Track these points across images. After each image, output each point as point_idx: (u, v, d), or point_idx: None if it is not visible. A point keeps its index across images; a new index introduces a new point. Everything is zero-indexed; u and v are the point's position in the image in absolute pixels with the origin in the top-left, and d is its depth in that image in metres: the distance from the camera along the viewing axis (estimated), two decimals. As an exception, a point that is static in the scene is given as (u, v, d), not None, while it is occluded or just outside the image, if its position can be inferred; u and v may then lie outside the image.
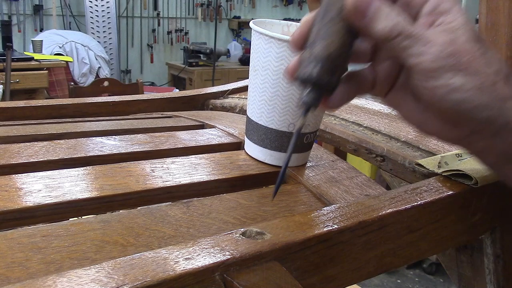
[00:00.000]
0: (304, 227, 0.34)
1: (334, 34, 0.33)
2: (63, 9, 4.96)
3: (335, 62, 0.32)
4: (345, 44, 0.33)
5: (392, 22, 0.32)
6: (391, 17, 0.32)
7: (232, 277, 0.28)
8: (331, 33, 0.33)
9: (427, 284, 2.52)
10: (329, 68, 0.32)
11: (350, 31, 0.33)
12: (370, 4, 0.32)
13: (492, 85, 0.32)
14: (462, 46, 0.32)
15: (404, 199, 0.40)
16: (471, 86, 0.32)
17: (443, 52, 0.31)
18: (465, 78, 0.32)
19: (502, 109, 0.32)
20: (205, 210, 0.40)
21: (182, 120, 0.69)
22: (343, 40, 0.33)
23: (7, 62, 2.79)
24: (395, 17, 0.32)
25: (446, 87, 0.32)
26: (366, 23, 0.33)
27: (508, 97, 0.32)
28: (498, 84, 0.32)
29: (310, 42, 0.33)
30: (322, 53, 0.32)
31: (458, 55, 0.31)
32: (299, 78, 0.33)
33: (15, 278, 0.29)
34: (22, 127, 0.61)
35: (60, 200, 0.39)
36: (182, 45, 5.56)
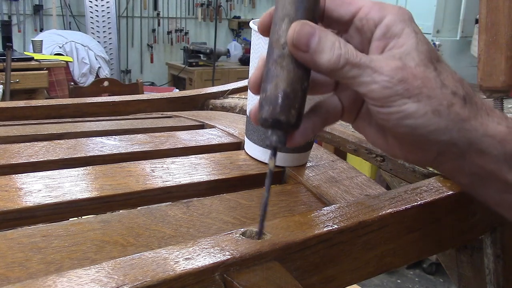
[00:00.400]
0: (304, 227, 0.34)
1: (282, 72, 0.32)
2: (63, 9, 4.96)
3: (288, 99, 0.31)
4: (296, 79, 0.32)
5: (337, 53, 0.31)
6: (336, 47, 0.31)
7: (232, 277, 0.28)
8: (278, 71, 0.32)
9: (427, 284, 2.52)
10: (283, 107, 0.31)
11: (299, 65, 0.32)
12: (312, 36, 0.31)
13: (448, 108, 0.31)
14: (413, 71, 0.31)
15: (404, 199, 0.40)
16: (425, 111, 0.31)
17: (392, 79, 0.30)
18: (417, 104, 0.31)
19: (462, 131, 0.31)
20: (205, 210, 0.40)
21: (182, 120, 0.69)
22: (292, 76, 0.32)
23: (7, 62, 2.79)
24: (340, 48, 0.31)
25: (399, 114, 0.31)
26: (310, 57, 0.31)
27: (467, 118, 0.31)
28: (456, 105, 0.31)
29: (263, 83, 0.32)
30: (273, 94, 0.31)
31: (408, 81, 0.30)
32: (260, 122, 0.33)
33: (15, 278, 0.29)
34: (22, 127, 0.61)
35: (60, 200, 0.39)
36: (182, 45, 5.56)
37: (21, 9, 4.80)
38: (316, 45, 0.31)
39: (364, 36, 0.33)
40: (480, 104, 0.33)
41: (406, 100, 0.31)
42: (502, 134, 0.32)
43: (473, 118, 0.32)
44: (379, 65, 0.31)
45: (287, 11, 0.32)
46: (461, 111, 0.31)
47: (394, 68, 0.31)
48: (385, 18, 0.32)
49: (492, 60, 0.91)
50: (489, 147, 0.32)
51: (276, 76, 0.32)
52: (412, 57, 0.31)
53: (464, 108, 0.32)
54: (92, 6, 4.81)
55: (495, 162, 0.32)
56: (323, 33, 0.31)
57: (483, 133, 0.32)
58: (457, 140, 0.32)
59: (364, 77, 0.31)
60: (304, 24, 0.31)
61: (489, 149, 0.32)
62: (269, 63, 0.32)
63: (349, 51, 0.31)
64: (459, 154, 0.33)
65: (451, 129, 0.31)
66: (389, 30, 0.32)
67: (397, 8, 0.33)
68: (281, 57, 0.32)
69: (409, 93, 0.31)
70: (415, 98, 0.31)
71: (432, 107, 0.31)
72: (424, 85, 0.31)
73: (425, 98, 0.31)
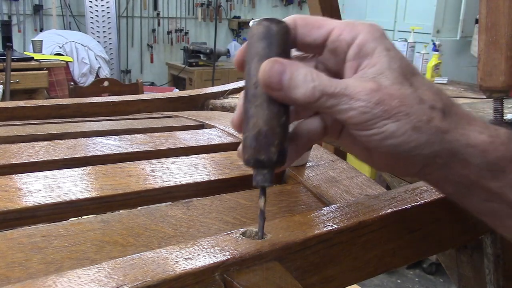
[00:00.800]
0: (304, 227, 0.34)
1: (257, 111, 0.32)
2: (63, 9, 4.96)
3: (266, 138, 0.31)
4: (271, 117, 0.32)
5: (311, 86, 0.31)
6: (309, 80, 0.31)
7: (232, 277, 0.28)
8: (253, 111, 0.32)
9: (427, 284, 2.52)
10: (262, 146, 0.31)
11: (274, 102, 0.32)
12: (283, 73, 0.31)
13: (428, 122, 0.31)
14: (389, 91, 0.31)
15: (404, 199, 0.40)
16: (405, 129, 0.31)
17: (370, 103, 0.30)
18: (397, 123, 0.31)
19: (444, 143, 0.31)
20: (205, 210, 0.40)
21: (182, 120, 0.69)
22: (267, 114, 0.31)
23: (7, 62, 2.79)
24: (313, 80, 0.31)
25: (380, 135, 0.31)
26: (284, 94, 0.31)
27: (448, 130, 0.31)
28: (435, 119, 0.31)
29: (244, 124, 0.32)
30: (251, 134, 0.31)
31: (385, 102, 0.30)
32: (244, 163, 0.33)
33: (15, 278, 0.29)
34: (22, 127, 0.61)
35: (60, 200, 0.39)
36: (182, 45, 5.56)
37: (21, 9, 4.80)
38: (288, 81, 0.31)
39: (338, 57, 0.33)
40: (461, 114, 0.33)
41: (385, 121, 0.31)
42: (484, 144, 0.32)
43: (454, 129, 0.32)
44: (355, 91, 0.31)
45: (256, 49, 0.32)
46: (441, 124, 0.31)
47: (370, 90, 0.30)
48: (357, 38, 0.32)
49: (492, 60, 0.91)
50: (471, 157, 0.32)
51: (252, 116, 0.32)
52: (385, 76, 0.31)
53: (443, 120, 0.32)
54: (92, 6, 4.81)
55: (478, 171, 0.32)
56: (293, 67, 0.31)
57: (465, 144, 0.32)
58: (440, 152, 0.32)
59: (342, 105, 0.31)
60: (273, 62, 0.31)
61: (472, 159, 0.32)
62: (245, 103, 0.32)
63: (323, 82, 0.31)
64: (443, 164, 0.33)
65: (432, 142, 0.31)
66: (361, 49, 0.32)
67: (368, 26, 0.33)
68: (255, 97, 0.32)
69: (387, 114, 0.30)
70: (394, 118, 0.31)
71: (412, 124, 0.31)
72: (402, 103, 0.31)
73: (404, 116, 0.31)
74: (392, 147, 0.31)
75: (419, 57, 3.35)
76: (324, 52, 0.34)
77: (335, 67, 0.34)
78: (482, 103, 2.46)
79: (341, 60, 0.33)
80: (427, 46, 3.38)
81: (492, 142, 0.32)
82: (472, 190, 0.34)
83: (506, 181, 0.33)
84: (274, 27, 0.32)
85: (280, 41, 0.32)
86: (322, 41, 0.33)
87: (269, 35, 0.32)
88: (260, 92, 0.32)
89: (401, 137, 0.31)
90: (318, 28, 0.33)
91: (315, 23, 0.34)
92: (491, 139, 0.32)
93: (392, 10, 4.57)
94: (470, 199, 0.35)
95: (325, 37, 0.33)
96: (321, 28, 0.33)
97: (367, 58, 0.32)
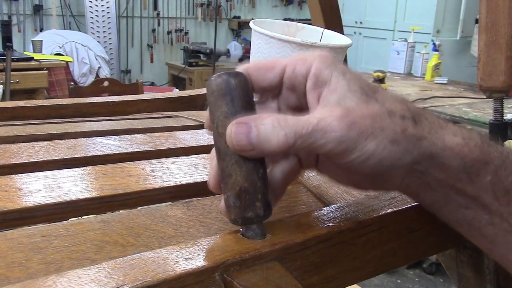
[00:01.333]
0: (304, 227, 0.34)
1: (235, 169, 0.31)
2: (63, 9, 4.97)
3: (249, 195, 0.31)
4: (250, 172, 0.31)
5: (282, 133, 0.30)
6: (278, 129, 0.30)
7: (232, 277, 0.28)
8: (231, 169, 0.31)
9: (427, 284, 2.52)
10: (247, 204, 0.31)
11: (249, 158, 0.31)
12: (250, 132, 0.30)
13: (403, 132, 0.31)
14: (357, 112, 0.31)
15: (404, 199, 0.40)
16: (384, 144, 0.31)
17: (344, 131, 0.30)
18: (375, 142, 0.30)
19: (421, 148, 0.31)
20: (205, 210, 0.40)
21: (182, 120, 0.69)
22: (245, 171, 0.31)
23: (7, 62, 2.79)
24: (282, 127, 0.30)
25: (361, 157, 0.31)
26: (259, 151, 0.30)
27: (422, 136, 0.32)
28: (409, 128, 0.31)
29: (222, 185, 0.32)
30: (233, 194, 0.31)
31: (358, 124, 0.30)
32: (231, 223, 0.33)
33: (15, 278, 0.29)
34: (22, 127, 0.61)
35: (60, 200, 0.39)
36: (182, 45, 5.57)
37: (21, 9, 4.80)
38: (257, 139, 0.30)
39: (298, 92, 0.33)
40: (431, 120, 0.33)
41: (364, 142, 0.30)
42: (459, 146, 0.32)
43: (428, 134, 0.32)
44: (327, 123, 0.30)
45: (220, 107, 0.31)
46: (415, 132, 0.32)
47: (340, 117, 0.30)
48: (311, 68, 0.32)
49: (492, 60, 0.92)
50: (449, 159, 0.32)
51: (229, 175, 0.31)
52: (349, 98, 0.31)
53: (416, 128, 0.32)
54: (92, 6, 4.81)
55: (456, 174, 0.33)
56: (258, 122, 0.30)
57: (441, 146, 0.32)
58: (419, 159, 0.32)
59: (319, 141, 0.30)
60: (236, 125, 0.30)
61: (450, 162, 0.32)
62: (220, 161, 0.32)
63: (293, 126, 0.30)
64: (423, 171, 0.33)
65: (411, 150, 0.31)
66: (318, 78, 0.32)
67: (319, 56, 0.33)
68: (229, 155, 0.31)
69: (364, 135, 0.30)
70: (372, 137, 0.30)
71: (389, 138, 0.31)
72: (374, 120, 0.31)
73: (379, 132, 0.30)
74: (375, 165, 0.31)
75: (419, 57, 3.35)
76: (283, 91, 0.34)
77: (296, 102, 0.34)
78: (482, 103, 2.46)
79: (301, 93, 0.33)
80: (427, 46, 3.38)
81: (466, 143, 0.32)
82: (449, 196, 0.34)
83: (481, 184, 0.33)
84: (233, 81, 0.31)
85: (241, 94, 0.31)
86: (279, 81, 0.34)
87: (230, 90, 0.31)
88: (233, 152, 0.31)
89: (382, 153, 0.31)
90: (271, 69, 0.33)
91: (266, 66, 0.34)
92: (465, 141, 0.32)
93: (392, 10, 4.58)
94: (448, 207, 0.35)
95: (280, 76, 0.33)
96: (273, 69, 0.33)
97: (325, 86, 0.32)
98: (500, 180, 0.33)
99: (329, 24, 1.05)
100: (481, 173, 0.33)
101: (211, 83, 0.32)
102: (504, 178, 0.33)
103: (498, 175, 0.33)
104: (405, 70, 3.41)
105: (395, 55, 3.45)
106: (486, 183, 0.33)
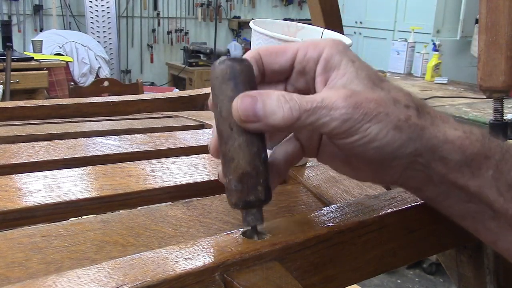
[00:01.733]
0: (304, 227, 0.34)
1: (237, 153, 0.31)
2: (63, 9, 4.97)
3: (251, 179, 0.31)
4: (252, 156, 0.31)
5: (287, 107, 0.30)
6: (283, 102, 0.31)
7: (232, 277, 0.28)
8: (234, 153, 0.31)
9: (427, 284, 2.52)
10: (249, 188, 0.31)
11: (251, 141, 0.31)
12: (255, 104, 0.30)
13: (407, 121, 0.31)
14: (363, 95, 0.31)
15: (404, 199, 0.40)
16: (388, 129, 0.31)
17: (349, 109, 0.30)
18: (379, 125, 0.31)
19: (423, 139, 0.32)
20: (205, 210, 0.40)
21: (182, 120, 0.69)
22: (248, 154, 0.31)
23: (7, 62, 2.79)
24: (287, 101, 0.31)
25: (364, 139, 0.31)
26: (263, 124, 0.31)
27: (425, 127, 0.32)
28: (412, 117, 0.32)
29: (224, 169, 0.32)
30: (235, 178, 0.31)
31: (363, 105, 0.31)
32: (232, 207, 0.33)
33: (15, 278, 0.29)
34: (22, 127, 0.61)
35: (60, 200, 0.39)
36: (182, 45, 5.57)
37: (21, 9, 4.80)
38: (263, 110, 0.31)
39: (308, 76, 0.34)
40: (433, 113, 0.33)
41: (367, 124, 0.31)
42: (460, 140, 0.32)
43: (431, 126, 0.32)
44: (332, 101, 0.31)
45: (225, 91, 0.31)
46: (419, 122, 0.32)
47: (345, 97, 0.31)
48: (322, 53, 0.33)
49: (492, 60, 0.92)
50: (450, 153, 0.32)
51: (232, 158, 0.31)
52: (356, 84, 0.32)
53: (420, 118, 0.32)
54: (92, 6, 4.81)
55: (458, 168, 0.33)
56: (264, 96, 0.31)
57: (443, 139, 0.32)
58: (421, 150, 0.32)
59: (323, 119, 0.31)
60: (242, 97, 0.31)
61: (451, 155, 0.32)
62: (222, 147, 0.32)
63: (298, 100, 0.31)
64: (424, 165, 0.33)
65: (414, 140, 0.32)
66: (328, 63, 0.33)
67: (331, 41, 0.33)
68: (232, 139, 0.31)
69: (368, 117, 0.31)
70: (376, 120, 0.31)
71: (393, 124, 0.31)
72: (379, 104, 0.31)
73: (384, 116, 0.31)
74: (377, 149, 0.31)
75: (419, 57, 3.35)
76: (293, 74, 0.34)
77: (305, 86, 0.35)
78: (482, 103, 2.46)
79: (310, 78, 0.34)
80: (427, 46, 3.38)
81: (467, 137, 0.33)
82: (452, 191, 0.34)
83: (483, 180, 0.33)
84: (238, 66, 0.31)
85: (246, 80, 0.32)
86: (290, 65, 0.34)
87: (234, 75, 0.31)
88: (237, 133, 0.31)
89: (385, 138, 0.31)
90: (283, 53, 0.34)
91: (278, 50, 0.34)
92: (466, 135, 0.33)
93: (392, 10, 4.58)
94: (450, 202, 0.35)
95: (292, 60, 0.34)
96: (285, 53, 0.34)
97: (334, 70, 0.32)
98: (502, 175, 0.33)
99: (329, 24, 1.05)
100: (483, 167, 0.33)
101: (216, 68, 0.32)
102: (506, 173, 0.33)
103: (500, 170, 0.33)
104: (405, 70, 3.41)
105: (395, 55, 3.45)
106: (488, 178, 0.33)
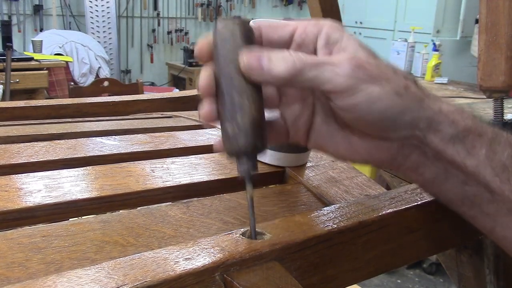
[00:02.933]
0: (304, 227, 0.34)
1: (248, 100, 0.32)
2: (63, 9, 4.96)
3: (260, 125, 0.33)
4: (260, 105, 0.33)
5: (291, 59, 0.32)
6: (287, 56, 0.32)
7: (232, 277, 0.28)
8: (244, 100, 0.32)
9: (427, 284, 2.52)
10: (258, 133, 0.32)
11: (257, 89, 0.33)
12: (261, 57, 0.32)
13: (406, 89, 0.33)
14: (365, 60, 0.33)
15: (404, 199, 0.40)
16: (389, 93, 0.32)
17: (352, 67, 0.32)
18: (380, 86, 0.32)
19: (422, 110, 0.33)
20: (205, 210, 0.40)
21: (182, 120, 0.69)
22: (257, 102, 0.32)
23: (7, 62, 2.79)
24: (291, 55, 0.32)
25: (366, 99, 0.32)
26: (267, 74, 0.32)
27: (422, 97, 0.34)
28: (411, 87, 0.34)
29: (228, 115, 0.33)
30: (247, 123, 0.32)
31: (366, 67, 0.32)
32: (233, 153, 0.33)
33: (15, 278, 0.29)
34: (22, 127, 0.61)
35: (60, 200, 0.39)
36: (182, 45, 5.56)
37: (21, 9, 4.80)
38: (268, 62, 0.32)
39: (306, 50, 0.35)
40: (427, 90, 0.35)
41: (369, 84, 0.32)
42: (454, 114, 0.34)
43: (427, 98, 0.34)
44: (336, 60, 0.32)
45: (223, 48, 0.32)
46: (417, 92, 0.34)
47: (350, 58, 0.32)
48: (322, 29, 0.34)
49: (492, 60, 0.91)
50: (445, 126, 0.34)
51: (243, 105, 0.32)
52: (360, 51, 0.33)
53: (417, 89, 0.34)
54: (92, 6, 4.81)
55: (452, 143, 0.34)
56: (270, 51, 0.33)
57: (438, 111, 0.34)
58: (418, 120, 0.33)
59: (326, 73, 0.32)
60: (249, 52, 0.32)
61: (445, 128, 0.34)
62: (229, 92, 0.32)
63: (302, 55, 0.32)
64: (421, 139, 0.34)
65: (412, 108, 0.33)
66: (330, 37, 0.34)
67: (330, 21, 0.35)
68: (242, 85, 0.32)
69: (370, 78, 0.32)
70: (377, 82, 0.32)
71: (393, 89, 0.33)
72: (380, 70, 0.33)
73: (385, 81, 0.32)
74: (379, 112, 0.33)
75: (419, 57, 3.35)
76: (291, 47, 0.35)
77: None
78: (482, 103, 2.46)
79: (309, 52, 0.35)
80: (427, 46, 3.38)
81: (459, 112, 0.34)
82: (449, 171, 0.35)
83: (478, 159, 0.34)
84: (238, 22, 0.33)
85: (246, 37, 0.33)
86: (289, 37, 0.35)
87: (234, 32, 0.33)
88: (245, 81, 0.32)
89: (386, 100, 0.32)
90: (284, 26, 0.35)
91: (279, 23, 0.36)
92: (458, 111, 0.35)
93: (392, 10, 4.57)
94: (448, 185, 0.36)
95: (291, 33, 0.35)
96: (286, 26, 0.35)
97: (337, 44, 0.34)
98: (496, 155, 0.34)
99: (329, 24, 1.05)
100: (476, 145, 0.34)
101: (218, 25, 0.33)
102: (500, 153, 0.34)
103: (493, 150, 0.34)
104: (405, 70, 3.41)
105: (395, 55, 3.45)
106: (482, 157, 0.34)
